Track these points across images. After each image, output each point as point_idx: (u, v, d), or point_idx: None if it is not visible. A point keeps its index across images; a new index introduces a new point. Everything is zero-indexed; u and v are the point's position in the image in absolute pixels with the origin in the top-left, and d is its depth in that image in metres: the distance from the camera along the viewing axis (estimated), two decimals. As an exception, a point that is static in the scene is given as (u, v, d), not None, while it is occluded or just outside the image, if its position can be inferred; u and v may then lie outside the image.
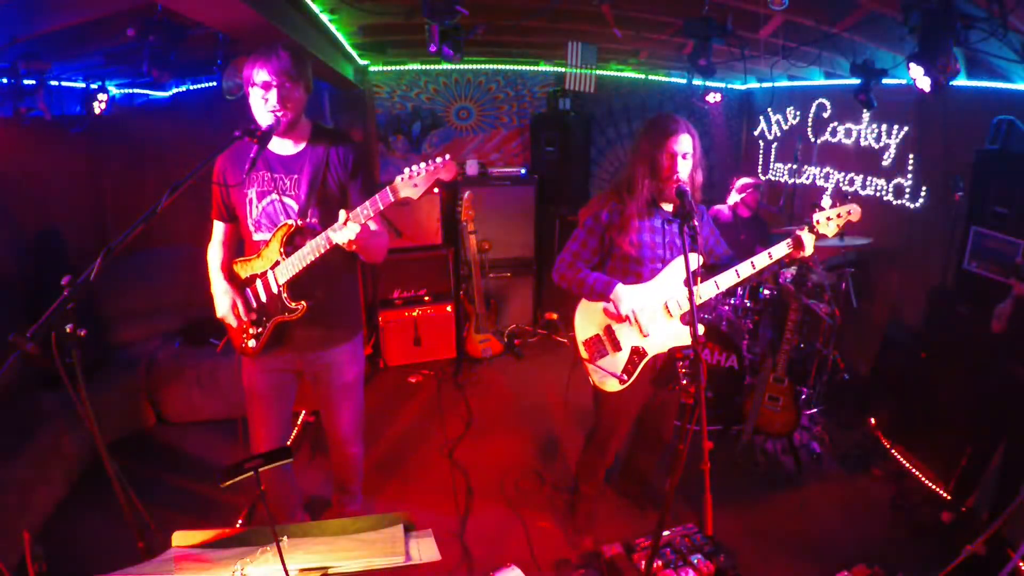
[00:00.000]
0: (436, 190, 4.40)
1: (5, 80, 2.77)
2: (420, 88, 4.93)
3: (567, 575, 2.48)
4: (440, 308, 4.50)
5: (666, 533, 2.41)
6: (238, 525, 2.73)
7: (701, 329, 1.76)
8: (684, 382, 1.67)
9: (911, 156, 3.69)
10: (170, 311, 3.97)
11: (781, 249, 2.17)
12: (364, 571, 1.28)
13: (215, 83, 3.52)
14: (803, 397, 3.60)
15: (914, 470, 3.13)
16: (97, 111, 3.50)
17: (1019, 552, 1.99)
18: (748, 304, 3.71)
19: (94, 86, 3.48)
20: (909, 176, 3.72)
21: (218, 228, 2.17)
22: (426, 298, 4.50)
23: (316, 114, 4.52)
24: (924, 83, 2.40)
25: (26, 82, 2.84)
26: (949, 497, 2.84)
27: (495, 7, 3.20)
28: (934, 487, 2.97)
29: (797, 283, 3.15)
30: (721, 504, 1.69)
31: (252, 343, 2.09)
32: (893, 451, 3.31)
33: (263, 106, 1.84)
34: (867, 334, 3.96)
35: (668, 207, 2.27)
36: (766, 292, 3.72)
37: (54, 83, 3.31)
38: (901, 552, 2.61)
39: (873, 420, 3.54)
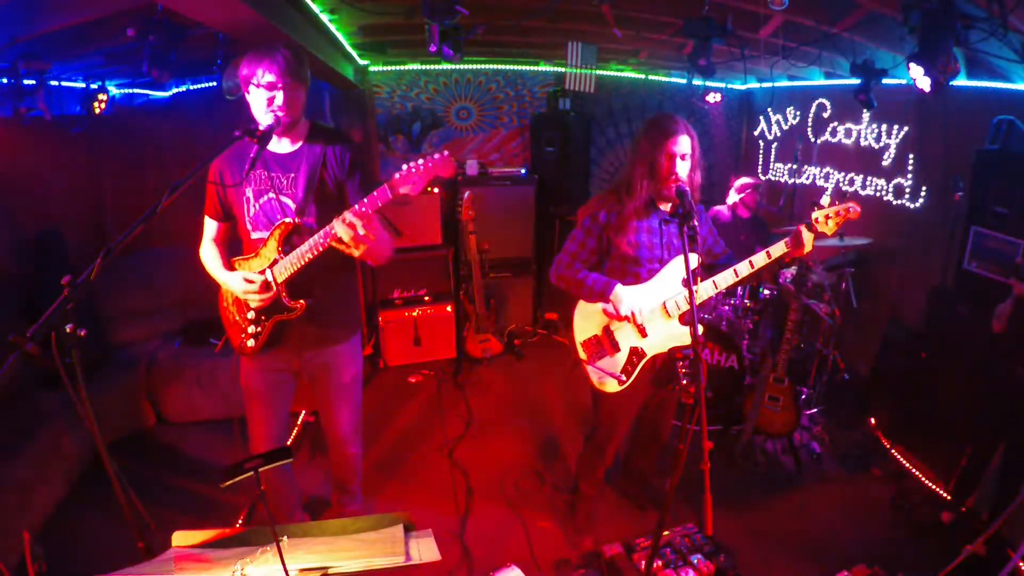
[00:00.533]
0: (436, 190, 4.42)
1: (5, 80, 2.77)
2: (420, 88, 4.93)
3: (567, 575, 2.48)
4: (440, 308, 4.50)
5: (666, 533, 2.42)
6: (238, 525, 2.73)
7: (700, 329, 1.76)
8: (684, 382, 1.67)
9: (911, 156, 3.69)
10: (170, 311, 3.97)
11: (780, 248, 2.16)
12: (364, 571, 1.28)
13: (215, 83, 3.52)
14: (803, 397, 3.61)
15: (914, 470, 3.13)
16: (97, 111, 3.50)
17: (1019, 552, 1.99)
18: (748, 304, 3.71)
19: (94, 86, 3.48)
20: (909, 176, 3.72)
21: (211, 226, 2.14)
22: (426, 298, 4.50)
23: (316, 114, 4.52)
24: (924, 83, 2.40)
25: (26, 82, 2.84)
26: (949, 497, 2.84)
27: (495, 7, 3.20)
28: (934, 487, 2.97)
29: (797, 283, 3.15)
30: (721, 504, 1.69)
31: (251, 342, 2.09)
32: (893, 451, 3.31)
33: (265, 106, 1.84)
34: (867, 334, 3.96)
35: (666, 207, 2.26)
36: (766, 292, 3.72)
37: (54, 83, 3.31)
38: (901, 552, 2.61)
39: (873, 420, 3.54)
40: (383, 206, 1.79)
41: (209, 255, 2.13)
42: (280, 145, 1.98)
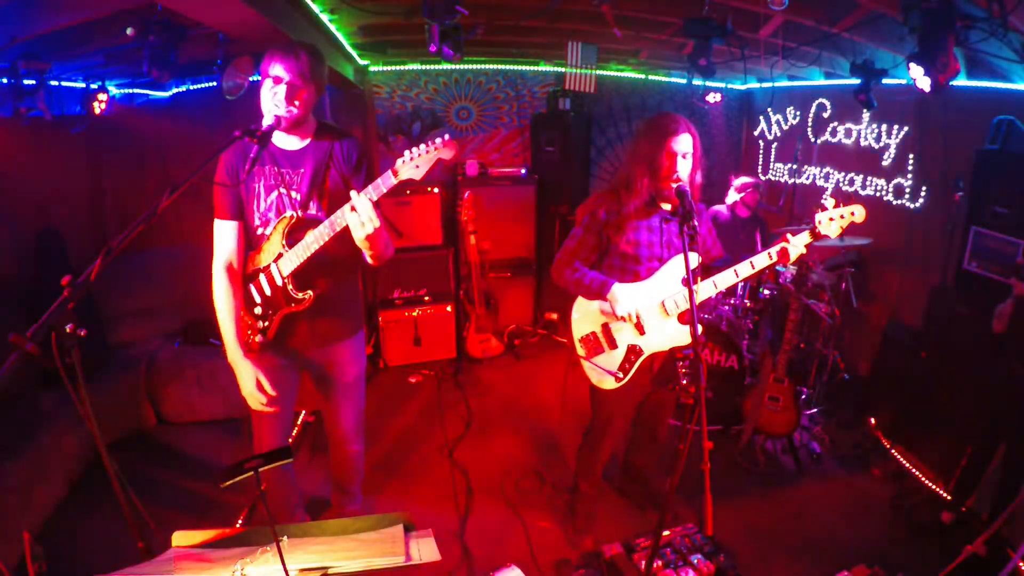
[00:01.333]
0: (435, 190, 4.42)
1: (5, 80, 2.77)
2: (420, 88, 4.93)
3: (567, 575, 2.48)
4: (440, 308, 4.50)
5: (666, 533, 2.41)
6: (238, 525, 2.73)
7: (700, 329, 1.76)
8: (684, 382, 1.67)
9: (911, 156, 3.69)
10: (170, 311, 3.97)
11: (763, 259, 2.13)
12: (364, 571, 1.28)
13: (215, 83, 3.52)
14: (803, 397, 3.60)
15: (914, 470, 3.13)
16: (97, 111, 3.51)
17: (1019, 552, 1.99)
18: (748, 304, 3.71)
19: (94, 86, 3.48)
20: (909, 176, 3.72)
21: (227, 232, 2.03)
22: (426, 298, 4.50)
23: (317, 113, 4.51)
24: (924, 83, 2.40)
25: (26, 82, 2.84)
26: (949, 497, 2.84)
27: (495, 7, 3.20)
28: (934, 487, 2.97)
29: (797, 283, 3.15)
30: (721, 504, 1.69)
31: (258, 338, 2.09)
32: (893, 451, 3.31)
33: (271, 99, 1.86)
34: (867, 334, 3.96)
35: (667, 206, 2.26)
36: (766, 292, 3.72)
37: (54, 83, 3.31)
38: (901, 552, 2.61)
39: (873, 420, 3.54)
40: (388, 191, 1.78)
41: (224, 302, 2.01)
42: (289, 142, 1.99)
